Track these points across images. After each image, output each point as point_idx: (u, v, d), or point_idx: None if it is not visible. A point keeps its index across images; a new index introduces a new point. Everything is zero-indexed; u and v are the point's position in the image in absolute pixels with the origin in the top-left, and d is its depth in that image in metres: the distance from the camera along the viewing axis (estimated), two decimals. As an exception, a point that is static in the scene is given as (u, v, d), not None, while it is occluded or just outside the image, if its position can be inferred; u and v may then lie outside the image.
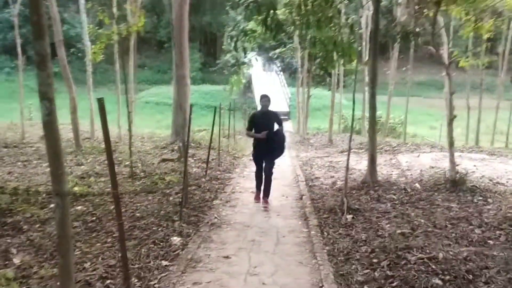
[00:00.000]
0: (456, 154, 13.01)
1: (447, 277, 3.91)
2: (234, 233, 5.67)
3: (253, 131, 7.48)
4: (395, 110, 24.85)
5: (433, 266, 4.15)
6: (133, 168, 8.93)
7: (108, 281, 3.84)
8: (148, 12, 27.33)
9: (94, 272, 4.03)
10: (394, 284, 3.88)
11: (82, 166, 10.08)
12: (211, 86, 38.97)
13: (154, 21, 43.01)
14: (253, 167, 8.12)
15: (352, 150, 14.74)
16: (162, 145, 14.33)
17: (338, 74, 19.63)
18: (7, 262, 4.29)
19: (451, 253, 4.61)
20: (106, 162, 10.32)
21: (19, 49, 16.96)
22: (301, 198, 7.95)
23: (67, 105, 13.89)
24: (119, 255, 4.33)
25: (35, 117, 23.81)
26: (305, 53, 18.86)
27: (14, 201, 6.33)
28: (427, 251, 4.61)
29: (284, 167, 11.53)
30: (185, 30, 13.39)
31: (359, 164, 11.64)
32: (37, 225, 5.60)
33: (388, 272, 4.13)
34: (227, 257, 4.76)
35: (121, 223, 3.46)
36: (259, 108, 8.01)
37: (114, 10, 9.91)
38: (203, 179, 9.10)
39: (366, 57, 17.58)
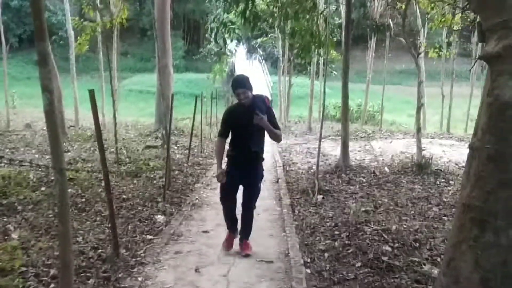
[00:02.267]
0: (427, 140, 13.80)
1: (396, 245, 4.51)
2: (213, 212, 6.20)
3: (231, 137, 4.55)
4: (374, 98, 25.51)
5: (386, 236, 4.75)
6: (118, 155, 9.37)
7: (100, 251, 4.34)
8: (130, 0, 27.41)
9: (86, 244, 4.53)
10: (350, 250, 4.47)
11: (69, 153, 10.46)
12: (194, 74, 39.20)
13: (137, 8, 42.85)
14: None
15: (330, 137, 15.46)
16: (146, 132, 14.75)
17: (318, 63, 20.13)
18: (6, 237, 4.74)
19: (404, 226, 5.22)
20: (91, 148, 10.78)
21: (2, 37, 17.08)
22: (277, 182, 8.49)
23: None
24: (108, 229, 4.85)
25: (19, 105, 23.93)
26: (286, 43, 19.32)
27: (7, 184, 6.74)
28: (383, 224, 5.20)
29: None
30: (167, 20, 13.75)
31: (335, 150, 12.22)
32: (30, 206, 6.03)
33: (346, 242, 4.72)
34: (206, 231, 5.30)
35: (110, 198, 3.96)
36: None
37: (98, 2, 10.22)
38: (186, 165, 9.59)
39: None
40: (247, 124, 4.26)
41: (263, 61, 35.02)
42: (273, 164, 10.55)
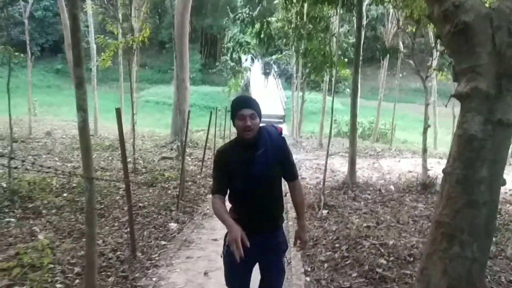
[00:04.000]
0: (435, 160, 14.04)
1: (391, 258, 4.84)
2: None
3: (229, 193, 2.82)
4: (387, 116, 25.78)
5: (382, 250, 5.09)
6: (136, 165, 9.86)
7: (118, 253, 4.76)
8: (150, 13, 28.26)
9: (106, 247, 4.95)
10: (348, 262, 4.82)
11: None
12: (210, 87, 39.91)
13: (156, 21, 43.96)
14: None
15: (340, 153, 15.78)
16: (162, 144, 15.25)
17: (331, 80, 20.55)
18: (33, 238, 5.20)
19: (401, 242, 5.55)
20: (109, 158, 11.25)
21: (28, 47, 17.84)
22: (285, 195, 8.84)
23: (69, 102, 14.75)
24: (126, 234, 5.27)
25: (39, 113, 24.69)
26: (300, 60, 19.82)
27: (32, 190, 7.23)
28: (381, 239, 5.54)
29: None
30: (186, 36, 14.33)
31: (344, 166, 12.55)
32: (54, 210, 6.49)
33: (345, 254, 5.07)
34: (215, 239, 5.70)
35: (130, 205, 4.39)
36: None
37: (120, 19, 10.82)
38: (199, 176, 10.02)
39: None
40: (253, 173, 2.61)
41: (278, 77, 35.59)
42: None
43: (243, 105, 2.61)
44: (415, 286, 2.80)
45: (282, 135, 2.80)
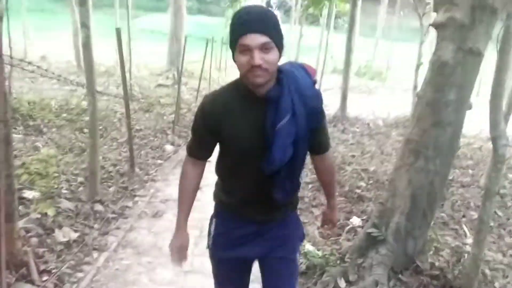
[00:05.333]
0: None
1: (370, 182, 5.25)
2: (216, 147, 6.93)
3: (219, 162, 1.83)
4: (385, 55, 25.69)
5: (363, 175, 5.49)
6: (132, 91, 10.04)
7: (118, 167, 5.12)
8: None
9: (105, 162, 5.29)
10: (330, 183, 5.22)
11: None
12: (206, 18, 39.10)
13: None
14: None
15: (334, 89, 15.98)
16: (157, 72, 15.33)
17: (330, 15, 20.28)
18: (37, 152, 5.52)
19: (382, 169, 5.94)
20: (105, 84, 11.40)
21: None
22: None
23: (63, 27, 14.59)
24: (124, 152, 5.61)
25: (34, 37, 24.32)
26: (299, -8, 19.45)
27: (32, 109, 7.47)
28: (364, 166, 5.93)
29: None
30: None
31: (336, 102, 12.82)
32: (54, 129, 6.78)
33: (329, 177, 5.46)
34: (209, 161, 6.05)
35: (129, 122, 4.68)
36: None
37: None
38: (193, 104, 10.26)
39: None
40: (270, 158, 1.58)
41: (276, 8, 34.85)
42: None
43: (249, 27, 1.43)
44: (383, 195, 3.17)
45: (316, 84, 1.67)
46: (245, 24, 1.44)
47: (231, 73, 18.51)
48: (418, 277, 2.94)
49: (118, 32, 4.37)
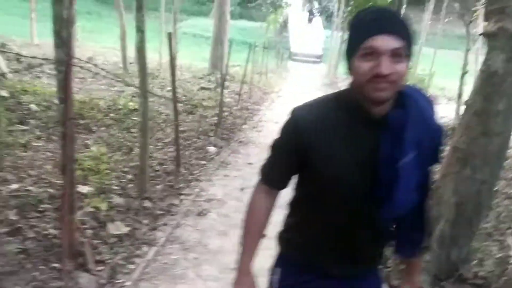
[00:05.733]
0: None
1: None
2: (258, 150, 7.06)
3: (296, 194, 1.47)
4: (428, 62, 25.17)
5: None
6: (175, 93, 10.31)
7: (164, 166, 5.32)
8: None
9: (153, 161, 5.50)
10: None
11: (130, 87, 11.54)
12: (248, 22, 39.41)
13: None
14: (281, 103, 7.65)
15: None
16: (200, 75, 15.65)
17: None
18: (87, 150, 5.80)
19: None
20: (150, 85, 11.71)
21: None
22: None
23: (109, 29, 15.09)
24: (170, 152, 5.81)
25: (82, 38, 25.32)
26: (342, -2, 19.40)
27: (82, 108, 7.82)
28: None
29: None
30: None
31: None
32: (103, 128, 7.08)
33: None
34: (250, 163, 6.19)
35: (177, 123, 4.87)
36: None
37: None
38: (235, 108, 10.45)
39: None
40: (370, 178, 1.25)
41: (318, 14, 34.80)
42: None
43: (382, 26, 1.15)
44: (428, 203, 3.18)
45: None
46: (377, 23, 1.15)
47: (272, 78, 18.64)
48: (462, 286, 2.94)
49: (170, 36, 4.56)
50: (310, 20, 34.55)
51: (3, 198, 3.77)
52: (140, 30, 3.80)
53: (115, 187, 4.37)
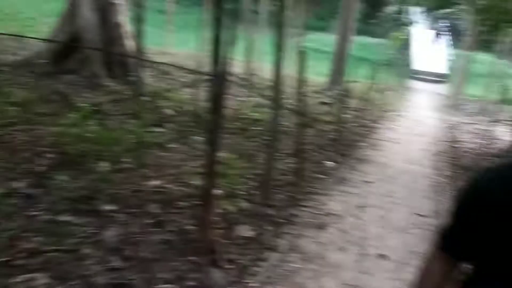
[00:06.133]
0: None
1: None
2: (376, 169, 6.98)
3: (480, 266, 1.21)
4: None
5: None
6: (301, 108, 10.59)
7: (285, 177, 5.52)
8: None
9: (275, 171, 5.74)
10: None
11: (251, 98, 12.09)
12: (368, 39, 38.84)
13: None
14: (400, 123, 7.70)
15: (503, 121, 14.62)
16: (317, 90, 15.83)
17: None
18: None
19: None
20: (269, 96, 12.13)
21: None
22: (439, 154, 8.84)
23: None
24: (289, 163, 6.01)
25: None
26: (475, 16, 18.26)
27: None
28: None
29: (429, 127, 12.26)
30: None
31: (506, 135, 11.77)
32: (227, 135, 7.53)
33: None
34: (367, 181, 6.15)
35: (302, 136, 5.04)
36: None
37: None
38: (353, 124, 10.41)
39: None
40: None
41: (444, 32, 33.10)
42: (438, 138, 10.77)
43: None
44: None
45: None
46: None
47: (392, 97, 18.16)
48: None
49: (302, 54, 4.77)
50: (436, 38, 32.98)
51: (147, 192, 4.25)
52: (279, 47, 4.06)
53: (241, 192, 4.66)
